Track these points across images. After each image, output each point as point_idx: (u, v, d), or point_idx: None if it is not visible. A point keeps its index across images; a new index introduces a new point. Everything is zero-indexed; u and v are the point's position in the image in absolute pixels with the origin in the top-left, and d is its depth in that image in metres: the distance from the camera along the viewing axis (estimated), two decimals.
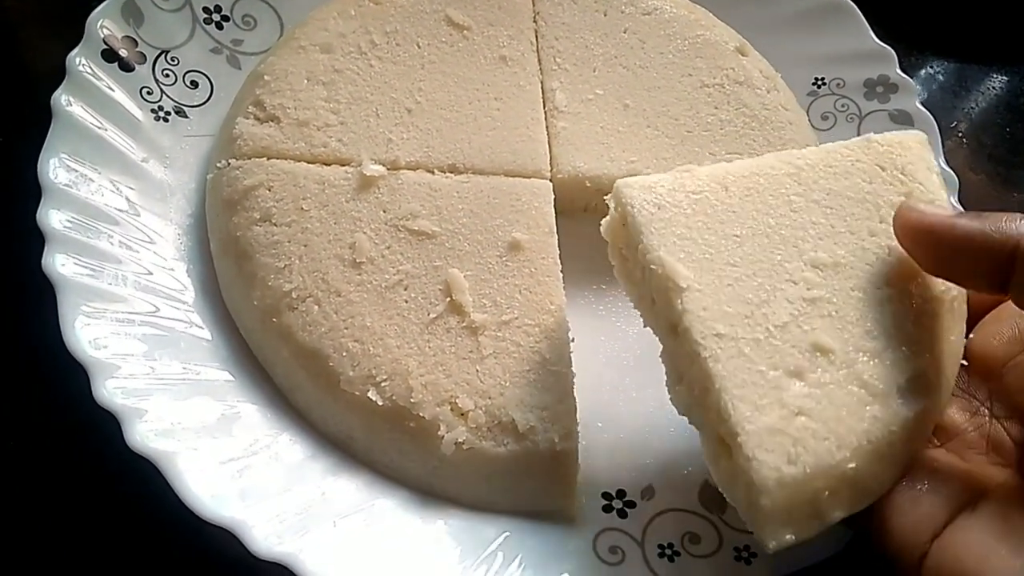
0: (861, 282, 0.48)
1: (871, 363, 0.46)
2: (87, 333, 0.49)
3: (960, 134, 0.82)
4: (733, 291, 0.46)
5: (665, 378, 0.49)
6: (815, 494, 0.43)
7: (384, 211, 0.56)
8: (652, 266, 0.47)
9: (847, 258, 0.48)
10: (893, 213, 0.48)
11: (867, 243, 0.49)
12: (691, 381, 0.47)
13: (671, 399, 0.49)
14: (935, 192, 0.51)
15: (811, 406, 0.44)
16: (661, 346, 0.49)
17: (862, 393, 0.45)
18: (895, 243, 0.48)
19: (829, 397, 0.44)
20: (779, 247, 0.48)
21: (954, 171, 0.67)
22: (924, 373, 0.46)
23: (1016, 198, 0.79)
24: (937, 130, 0.68)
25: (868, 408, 0.44)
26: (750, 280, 0.47)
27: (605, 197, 0.51)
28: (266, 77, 0.59)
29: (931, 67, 0.86)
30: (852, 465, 0.43)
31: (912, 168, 0.51)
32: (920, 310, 0.48)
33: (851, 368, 0.45)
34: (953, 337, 0.48)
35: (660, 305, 0.48)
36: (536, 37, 0.65)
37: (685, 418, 0.48)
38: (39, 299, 0.50)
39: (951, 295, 0.49)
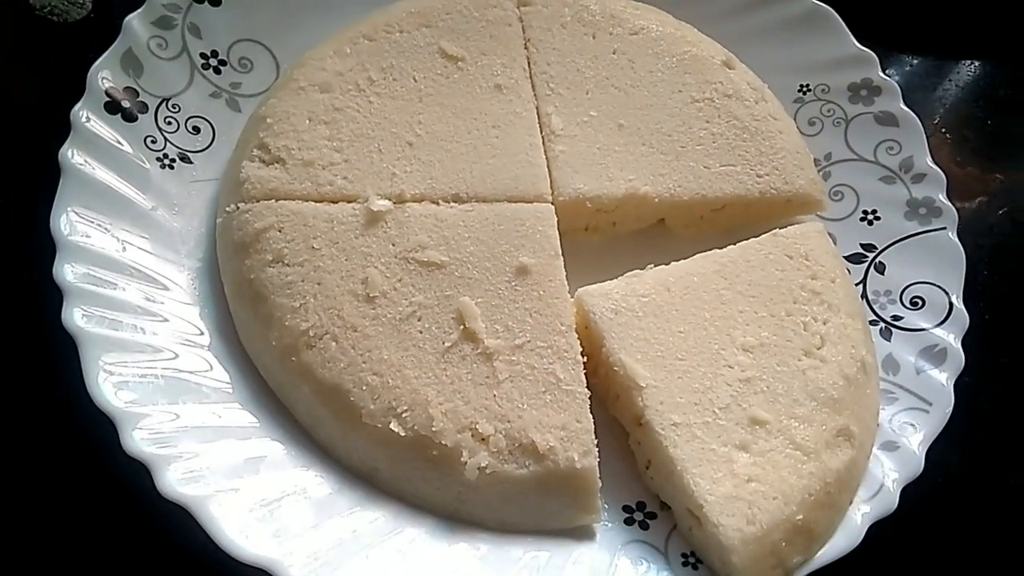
0: (784, 357, 0.56)
1: (801, 427, 0.54)
2: (110, 384, 0.50)
3: (943, 130, 0.84)
4: (683, 382, 0.55)
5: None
6: (774, 546, 0.51)
7: (393, 244, 0.57)
8: (615, 368, 0.55)
9: (770, 338, 0.57)
10: (804, 294, 0.59)
11: (785, 322, 0.58)
12: (658, 465, 0.54)
13: (645, 481, 0.56)
14: (835, 271, 0.61)
15: (758, 472, 0.52)
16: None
17: (798, 455, 0.53)
18: (808, 319, 0.58)
19: (772, 463, 0.52)
20: (715, 337, 0.56)
21: (939, 166, 0.68)
22: (847, 427, 0.55)
23: (999, 180, 0.81)
24: (922, 129, 0.70)
25: (804, 466, 0.53)
26: (696, 370, 0.55)
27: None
28: (268, 120, 0.60)
29: (910, 66, 0.88)
30: (800, 517, 0.51)
31: (814, 253, 0.62)
32: (836, 373, 0.56)
33: (786, 434, 0.54)
34: (868, 391, 0.58)
35: (623, 401, 0.55)
36: (528, 64, 0.66)
37: None
38: (63, 352, 0.51)
39: (860, 354, 0.57)
